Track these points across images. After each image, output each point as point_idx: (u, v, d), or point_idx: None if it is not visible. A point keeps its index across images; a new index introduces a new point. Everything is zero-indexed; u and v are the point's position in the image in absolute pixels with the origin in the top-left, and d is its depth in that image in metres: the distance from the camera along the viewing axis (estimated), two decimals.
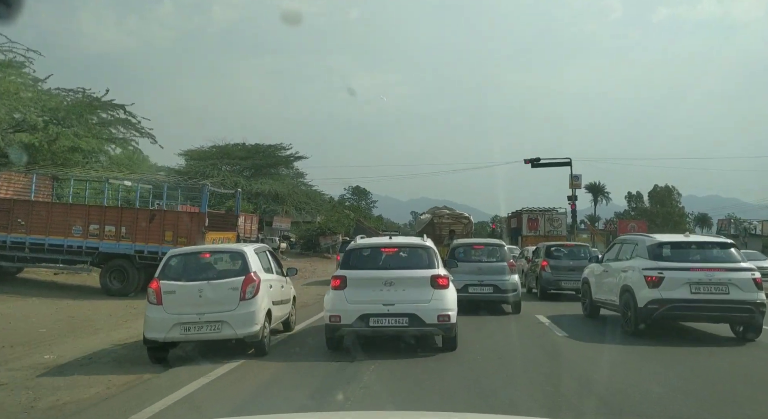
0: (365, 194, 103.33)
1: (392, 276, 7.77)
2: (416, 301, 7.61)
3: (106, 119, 20.76)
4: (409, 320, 7.56)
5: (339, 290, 7.83)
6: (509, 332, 10.13)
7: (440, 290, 7.75)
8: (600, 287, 10.99)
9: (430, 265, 8.00)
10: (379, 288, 7.68)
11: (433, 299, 7.66)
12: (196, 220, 16.12)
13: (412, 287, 7.71)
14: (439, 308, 7.63)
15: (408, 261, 8.35)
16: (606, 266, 10.86)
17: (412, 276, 7.82)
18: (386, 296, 7.64)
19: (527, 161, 39.02)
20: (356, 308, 7.63)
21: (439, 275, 7.86)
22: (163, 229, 16.10)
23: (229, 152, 53.06)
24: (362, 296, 7.69)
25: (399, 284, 7.71)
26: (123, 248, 16.05)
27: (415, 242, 8.78)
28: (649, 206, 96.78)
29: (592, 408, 5.51)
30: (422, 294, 7.67)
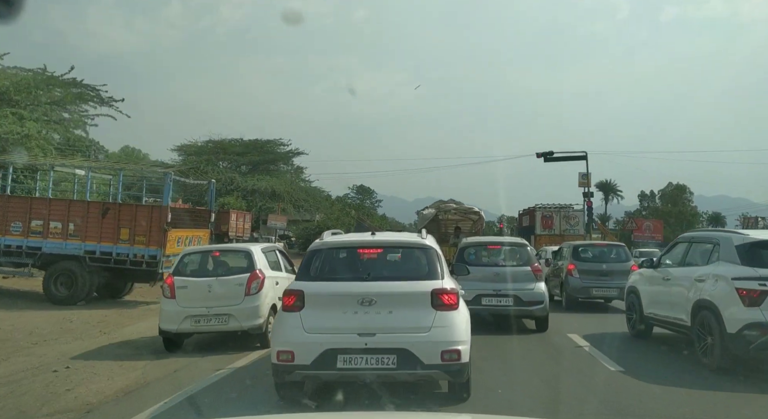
0: (370, 193, 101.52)
1: (373, 291, 5.20)
2: (409, 329, 5.08)
3: (59, 97, 18.33)
4: (397, 359, 4.98)
5: (292, 313, 5.25)
6: (539, 363, 7.53)
7: (446, 312, 5.19)
8: (656, 300, 8.40)
9: (431, 274, 5.43)
10: (353, 310, 5.15)
11: (436, 327, 5.09)
12: (158, 215, 13.60)
13: (403, 308, 5.18)
14: (443, 341, 5.06)
15: (398, 268, 6.01)
16: (664, 272, 8.26)
17: (404, 291, 5.28)
18: (364, 321, 5.10)
19: (539, 155, 36.41)
20: (318, 341, 5.07)
21: (445, 290, 5.25)
22: (119, 226, 13.61)
23: (225, 147, 50.83)
24: (327, 322, 5.16)
25: (383, 303, 5.16)
26: (71, 249, 13.59)
27: (409, 239, 6.01)
28: (660, 205, 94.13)
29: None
30: (419, 319, 5.12)
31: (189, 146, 51.76)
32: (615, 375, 6.61)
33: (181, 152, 51.87)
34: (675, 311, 7.71)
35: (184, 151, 51.88)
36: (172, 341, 8.28)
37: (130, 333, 9.51)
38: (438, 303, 5.17)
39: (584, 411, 5.31)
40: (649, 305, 8.59)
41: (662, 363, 7.47)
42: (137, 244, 13.58)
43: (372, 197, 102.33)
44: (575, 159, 37.64)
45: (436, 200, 16.82)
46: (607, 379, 6.45)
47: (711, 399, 5.72)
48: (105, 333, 9.53)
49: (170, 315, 8.18)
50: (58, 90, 18.58)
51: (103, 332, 9.58)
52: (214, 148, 50.31)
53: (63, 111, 19.08)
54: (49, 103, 18.42)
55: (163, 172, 13.99)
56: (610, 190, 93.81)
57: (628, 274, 12.85)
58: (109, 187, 17.67)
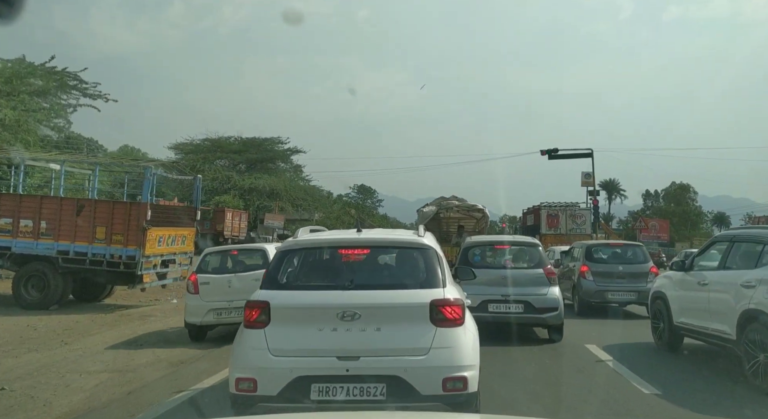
0: (371, 193, 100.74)
1: (357, 303, 4.14)
2: (402, 351, 4.06)
3: (40, 86, 17.30)
4: (387, 389, 3.95)
5: (255, 330, 4.20)
6: (559, 382, 6.45)
7: (449, 329, 4.14)
8: (688, 308, 7.35)
9: (431, 280, 4.35)
10: (331, 326, 4.10)
11: (436, 348, 4.06)
12: (136, 213, 12.57)
13: (394, 325, 4.14)
14: (446, 366, 4.02)
15: (389, 274, 4.90)
16: (699, 275, 7.20)
17: (396, 303, 4.21)
18: (345, 341, 4.08)
19: (544, 152, 35.42)
20: (286, 366, 4.01)
21: (447, 301, 4.19)
22: (94, 224, 12.58)
23: (222, 145, 49.83)
24: (299, 342, 4.12)
25: (370, 317, 4.12)
26: (42, 249, 12.58)
27: (404, 238, 4.88)
28: (663, 204, 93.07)
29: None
30: (414, 338, 4.09)
31: (186, 145, 50.82)
32: (651, 400, 5.54)
33: (178, 151, 50.93)
34: (715, 322, 6.65)
35: (180, 149, 50.93)
36: (196, 332, 9.01)
37: (93, 343, 8.48)
38: (439, 318, 4.14)
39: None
40: (679, 313, 7.53)
41: (703, 384, 6.39)
42: (114, 244, 12.57)
43: (373, 196, 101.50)
44: (580, 156, 36.62)
45: (437, 197, 15.71)
46: (643, 405, 5.39)
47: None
48: (66, 343, 8.50)
49: (194, 309, 8.95)
50: (39, 80, 17.57)
51: (64, 342, 8.55)
52: (210, 146, 49.33)
53: (43, 101, 18.05)
54: (28, 93, 17.39)
55: (143, 166, 12.92)
56: (614, 189, 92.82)
57: (647, 276, 11.85)
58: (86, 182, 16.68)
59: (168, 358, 7.51)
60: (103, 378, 6.34)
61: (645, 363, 7.21)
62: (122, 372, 6.65)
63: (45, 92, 18.33)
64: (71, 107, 18.76)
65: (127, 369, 6.86)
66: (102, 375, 6.47)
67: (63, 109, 18.67)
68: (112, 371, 6.72)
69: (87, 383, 6.11)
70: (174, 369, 6.88)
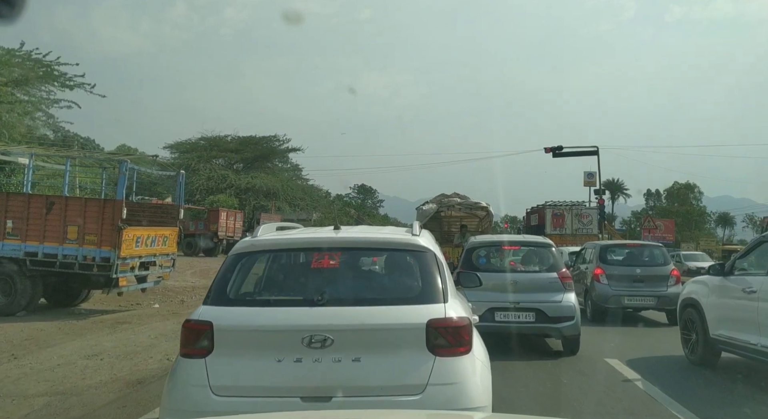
0: (371, 193, 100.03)
1: (329, 323, 3.10)
2: (389, 390, 3.01)
3: (19, 76, 16.31)
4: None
5: (194, 360, 3.17)
6: (580, 411, 5.42)
7: (452, 358, 3.12)
8: (729, 319, 6.34)
9: (427, 294, 3.29)
10: (294, 356, 3.06)
11: (434, 385, 3.02)
12: (110, 210, 11.55)
13: (379, 354, 3.09)
14: (448, 409, 3.00)
15: (373, 285, 3.73)
16: (742, 281, 6.19)
17: (381, 324, 3.14)
18: (313, 376, 3.04)
19: (548, 150, 34.52)
20: (234, 410, 2.78)
21: (450, 321, 3.15)
22: (65, 223, 11.57)
23: (219, 144, 48.97)
24: (250, 378, 3.08)
25: (345, 344, 3.08)
26: (9, 250, 11.54)
27: (394, 237, 3.72)
28: (666, 204, 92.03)
29: None
30: (406, 372, 3.05)
31: (182, 144, 49.98)
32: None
33: (174, 150, 50.09)
34: (758, 335, 5.65)
35: (176, 148, 50.09)
36: None
37: (48, 357, 7.46)
38: (439, 344, 3.11)
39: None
40: (717, 324, 6.52)
41: (757, 413, 5.37)
42: (87, 244, 11.54)
43: (374, 196, 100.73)
44: (585, 154, 35.64)
45: (437, 194, 14.67)
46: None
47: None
48: (17, 357, 7.48)
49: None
50: (16, 68, 16.58)
51: (14, 355, 7.53)
52: (207, 145, 48.46)
53: (20, 92, 17.05)
54: (5, 83, 16.40)
55: (118, 161, 11.92)
56: (617, 189, 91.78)
57: (667, 280, 10.85)
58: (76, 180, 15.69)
59: (127, 376, 6.50)
60: (38, 405, 5.33)
61: (680, 383, 6.21)
62: (65, 396, 5.64)
63: (24, 83, 17.33)
64: (52, 101, 17.77)
65: (73, 391, 5.85)
66: (39, 400, 5.46)
67: (43, 101, 17.67)
68: (53, 394, 5.71)
69: (15, 412, 5.10)
70: (128, 392, 5.87)
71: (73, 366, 6.99)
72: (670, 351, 7.78)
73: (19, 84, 16.76)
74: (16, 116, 17.05)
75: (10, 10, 2.76)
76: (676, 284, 10.74)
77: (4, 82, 16.03)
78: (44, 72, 16.99)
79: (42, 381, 6.21)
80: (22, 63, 16.69)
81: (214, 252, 32.63)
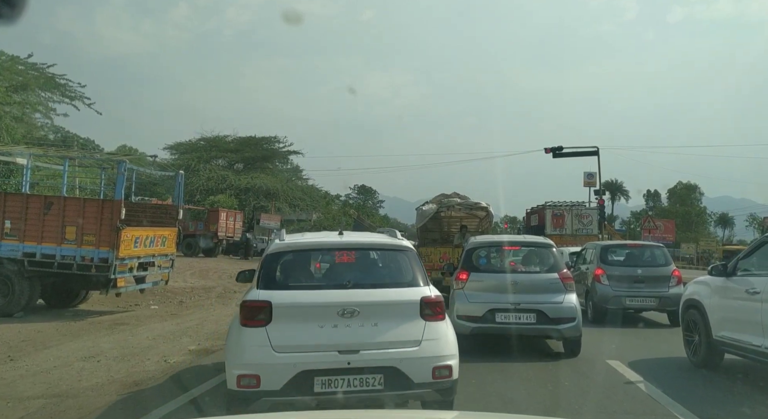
0: (372, 194, 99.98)
1: (356, 301, 4.45)
2: (398, 344, 4.42)
3: (18, 82, 16.26)
4: (384, 379, 4.30)
5: (256, 328, 4.35)
6: (580, 413, 5.35)
7: (436, 322, 4.58)
8: (733, 320, 6.29)
9: (416, 280, 4.78)
10: (331, 323, 4.38)
11: (426, 340, 4.47)
12: (109, 211, 11.49)
13: (390, 320, 4.48)
14: (435, 356, 4.45)
15: (377, 274, 5.05)
16: (746, 282, 6.13)
17: (392, 300, 4.58)
18: (345, 336, 4.35)
19: (548, 150, 34.42)
20: (290, 362, 4.24)
21: (431, 299, 4.60)
22: (63, 223, 11.51)
23: (219, 144, 48.90)
24: (301, 339, 4.35)
25: (368, 314, 4.41)
26: (6, 250, 11.48)
27: (387, 240, 5.17)
28: (667, 204, 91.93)
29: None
30: (408, 332, 4.47)
31: (182, 144, 49.90)
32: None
33: (174, 151, 50.01)
34: (765, 338, 5.58)
35: (176, 149, 50.01)
36: None
37: (44, 358, 7.40)
38: (427, 313, 4.55)
39: None
40: (720, 325, 6.46)
41: (758, 414, 5.31)
42: (85, 245, 11.48)
43: (374, 197, 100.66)
44: (586, 154, 35.53)
45: (437, 195, 14.57)
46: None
47: None
48: (13, 358, 7.42)
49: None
50: (17, 75, 16.55)
51: (11, 357, 7.47)
52: (207, 145, 48.38)
53: (19, 97, 17.03)
54: (5, 86, 16.36)
55: (116, 161, 11.86)
56: (617, 190, 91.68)
57: (668, 281, 10.78)
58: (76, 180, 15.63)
59: (124, 378, 6.43)
60: (34, 407, 5.27)
61: (682, 385, 6.16)
62: (61, 398, 5.58)
63: (24, 88, 17.30)
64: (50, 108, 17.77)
65: (69, 393, 5.79)
66: (34, 403, 5.40)
67: (42, 103, 17.63)
68: (50, 396, 5.65)
69: (9, 414, 5.05)
70: (125, 395, 5.80)
71: (69, 367, 6.93)
72: (672, 352, 7.72)
73: (19, 90, 16.72)
74: (14, 117, 16.99)
75: (11, 11, 2.80)
76: (677, 284, 10.67)
77: (5, 87, 15.99)
78: (45, 80, 16.98)
79: (38, 383, 6.16)
80: (25, 71, 16.67)
81: (214, 253, 32.57)
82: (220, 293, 16.60)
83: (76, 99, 17.56)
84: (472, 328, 7.61)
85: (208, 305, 14.06)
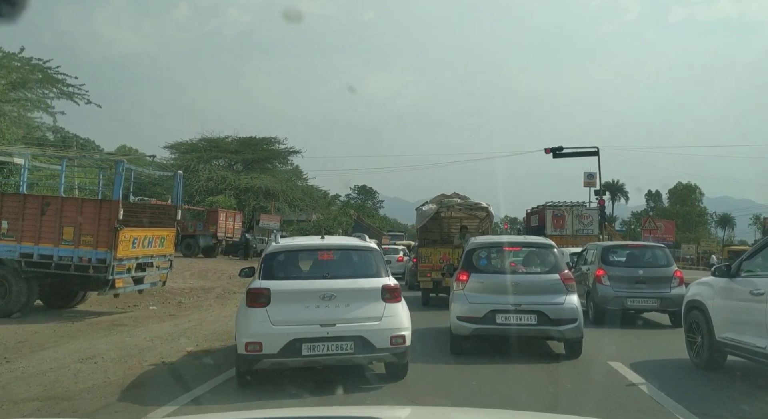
0: (372, 194, 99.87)
1: (333, 288, 6.00)
2: (364, 319, 5.96)
3: (15, 79, 16.16)
4: (354, 345, 5.84)
5: (259, 308, 5.86)
6: (588, 414, 5.29)
7: (393, 304, 6.13)
8: (736, 322, 6.21)
9: (379, 272, 6.35)
10: (315, 304, 5.90)
11: (386, 317, 6.01)
12: (107, 211, 11.42)
13: (358, 302, 6.04)
14: (392, 328, 6.00)
15: (349, 268, 6.56)
16: (749, 283, 6.06)
17: (360, 287, 6.13)
18: (325, 314, 5.88)
19: (548, 151, 34.27)
20: (284, 333, 5.76)
21: (390, 286, 6.18)
22: (61, 224, 11.44)
23: (219, 144, 48.75)
24: (292, 316, 5.87)
25: (342, 297, 5.98)
26: (4, 251, 11.42)
27: (358, 243, 6.96)
28: (668, 205, 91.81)
29: None
30: (371, 310, 6.02)
31: (182, 144, 49.74)
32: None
33: (174, 150, 49.87)
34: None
35: (176, 149, 49.87)
36: None
37: (40, 360, 7.33)
38: (386, 297, 6.05)
39: None
40: (724, 327, 6.38)
41: (759, 412, 5.24)
42: (83, 245, 11.40)
43: (374, 197, 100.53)
44: (586, 155, 35.41)
45: (437, 195, 14.48)
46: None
47: None
48: (9, 360, 7.34)
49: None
50: (13, 72, 16.45)
51: (6, 359, 7.39)
52: (207, 146, 48.22)
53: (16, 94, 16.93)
54: (4, 84, 16.26)
55: (114, 161, 11.76)
56: (616, 190, 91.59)
57: (670, 281, 10.71)
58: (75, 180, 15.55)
59: (120, 381, 6.36)
60: (29, 410, 5.20)
61: (685, 387, 6.10)
62: (56, 401, 5.50)
63: (22, 85, 17.21)
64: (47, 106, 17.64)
65: (65, 395, 5.71)
66: (29, 405, 5.33)
67: (40, 100, 17.52)
68: (45, 399, 5.57)
69: (6, 417, 4.97)
70: (121, 397, 5.73)
71: (66, 369, 6.86)
72: (674, 353, 7.65)
73: (17, 87, 16.63)
74: (13, 116, 16.90)
75: (11, 9, 2.81)
76: (679, 285, 10.60)
77: (2, 84, 15.90)
78: (43, 75, 16.86)
79: (33, 386, 6.09)
80: (21, 67, 16.57)
81: (214, 253, 32.45)
82: (219, 294, 16.53)
83: (75, 96, 17.50)
84: (473, 329, 7.54)
85: (206, 306, 13.99)
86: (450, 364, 7.36)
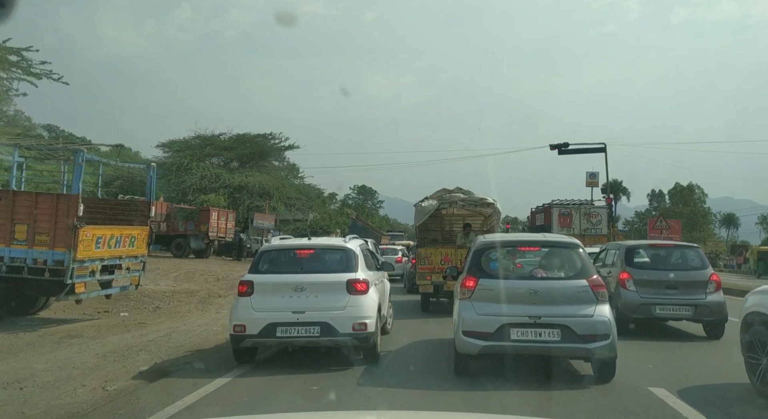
0: (372, 194, 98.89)
1: (303, 281, 7.03)
2: (330, 308, 6.87)
3: None
4: (320, 329, 6.76)
5: (245, 297, 7.08)
6: None
7: (357, 296, 6.97)
8: None
9: (348, 268, 7.24)
10: (288, 294, 6.94)
11: (349, 306, 6.88)
12: (65, 207, 10.08)
13: (325, 293, 6.98)
14: (355, 316, 6.83)
15: (324, 265, 7.61)
16: None
17: (326, 281, 7.13)
18: (296, 303, 6.89)
19: (553, 147, 33.01)
20: (263, 317, 6.87)
21: (357, 280, 7.06)
22: (13, 221, 10.12)
23: (213, 142, 47.43)
24: (269, 304, 6.97)
25: (311, 289, 6.96)
26: None
27: (336, 243, 8.08)
28: (670, 205, 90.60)
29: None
30: (337, 301, 6.93)
31: (175, 142, 48.45)
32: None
33: (167, 149, 48.57)
34: None
35: (169, 147, 48.58)
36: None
37: None
38: (351, 289, 7.01)
39: None
40: None
41: None
42: (38, 245, 10.09)
43: (374, 197, 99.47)
44: (592, 151, 34.08)
45: (438, 190, 13.05)
46: None
47: None
48: None
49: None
50: None
51: None
52: (201, 143, 46.90)
53: None
54: None
55: (73, 151, 10.40)
56: (618, 190, 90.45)
57: (706, 286, 9.37)
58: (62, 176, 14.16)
59: (36, 415, 5.01)
60: None
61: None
62: None
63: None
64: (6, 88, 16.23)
65: None
66: None
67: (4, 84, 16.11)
68: None
69: None
70: None
71: None
72: (725, 375, 6.33)
73: None
74: None
75: (1, 11, 2.85)
76: (716, 290, 9.26)
77: None
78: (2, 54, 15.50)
79: None
80: None
81: (205, 253, 31.13)
82: (203, 298, 15.21)
83: (44, 76, 16.10)
84: (482, 347, 6.18)
85: (184, 313, 12.65)
86: (453, 391, 6.00)
